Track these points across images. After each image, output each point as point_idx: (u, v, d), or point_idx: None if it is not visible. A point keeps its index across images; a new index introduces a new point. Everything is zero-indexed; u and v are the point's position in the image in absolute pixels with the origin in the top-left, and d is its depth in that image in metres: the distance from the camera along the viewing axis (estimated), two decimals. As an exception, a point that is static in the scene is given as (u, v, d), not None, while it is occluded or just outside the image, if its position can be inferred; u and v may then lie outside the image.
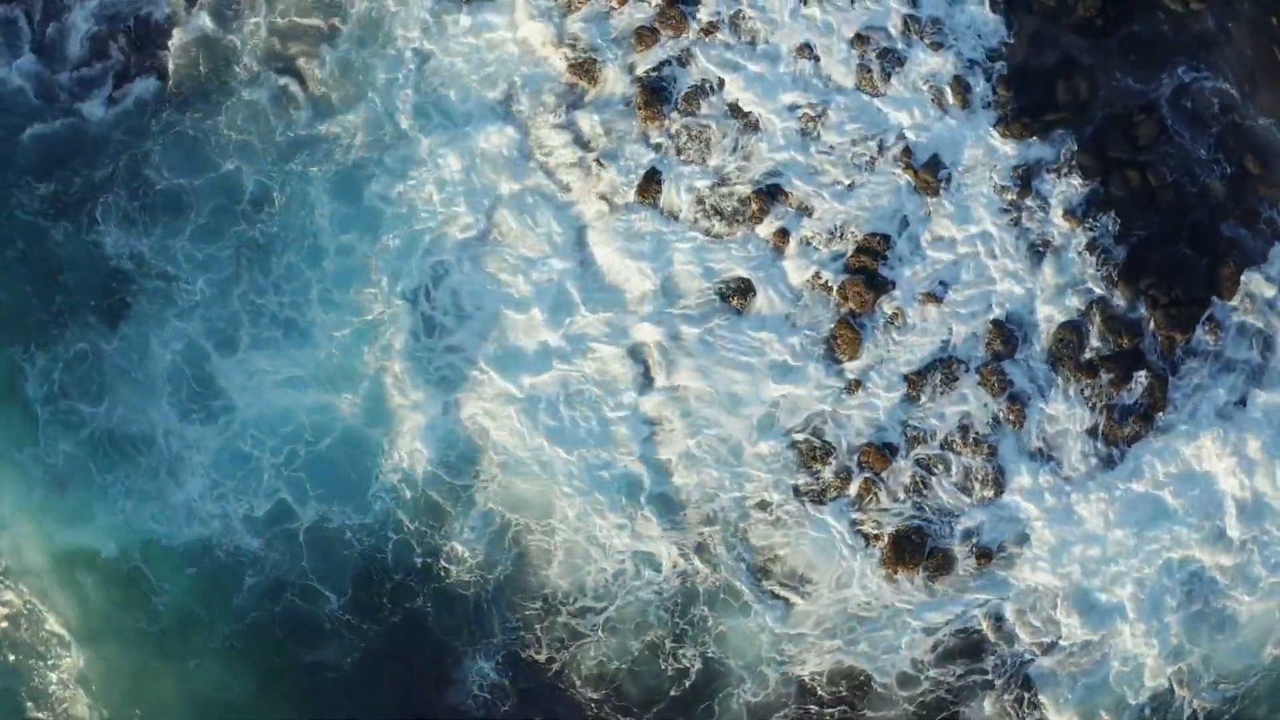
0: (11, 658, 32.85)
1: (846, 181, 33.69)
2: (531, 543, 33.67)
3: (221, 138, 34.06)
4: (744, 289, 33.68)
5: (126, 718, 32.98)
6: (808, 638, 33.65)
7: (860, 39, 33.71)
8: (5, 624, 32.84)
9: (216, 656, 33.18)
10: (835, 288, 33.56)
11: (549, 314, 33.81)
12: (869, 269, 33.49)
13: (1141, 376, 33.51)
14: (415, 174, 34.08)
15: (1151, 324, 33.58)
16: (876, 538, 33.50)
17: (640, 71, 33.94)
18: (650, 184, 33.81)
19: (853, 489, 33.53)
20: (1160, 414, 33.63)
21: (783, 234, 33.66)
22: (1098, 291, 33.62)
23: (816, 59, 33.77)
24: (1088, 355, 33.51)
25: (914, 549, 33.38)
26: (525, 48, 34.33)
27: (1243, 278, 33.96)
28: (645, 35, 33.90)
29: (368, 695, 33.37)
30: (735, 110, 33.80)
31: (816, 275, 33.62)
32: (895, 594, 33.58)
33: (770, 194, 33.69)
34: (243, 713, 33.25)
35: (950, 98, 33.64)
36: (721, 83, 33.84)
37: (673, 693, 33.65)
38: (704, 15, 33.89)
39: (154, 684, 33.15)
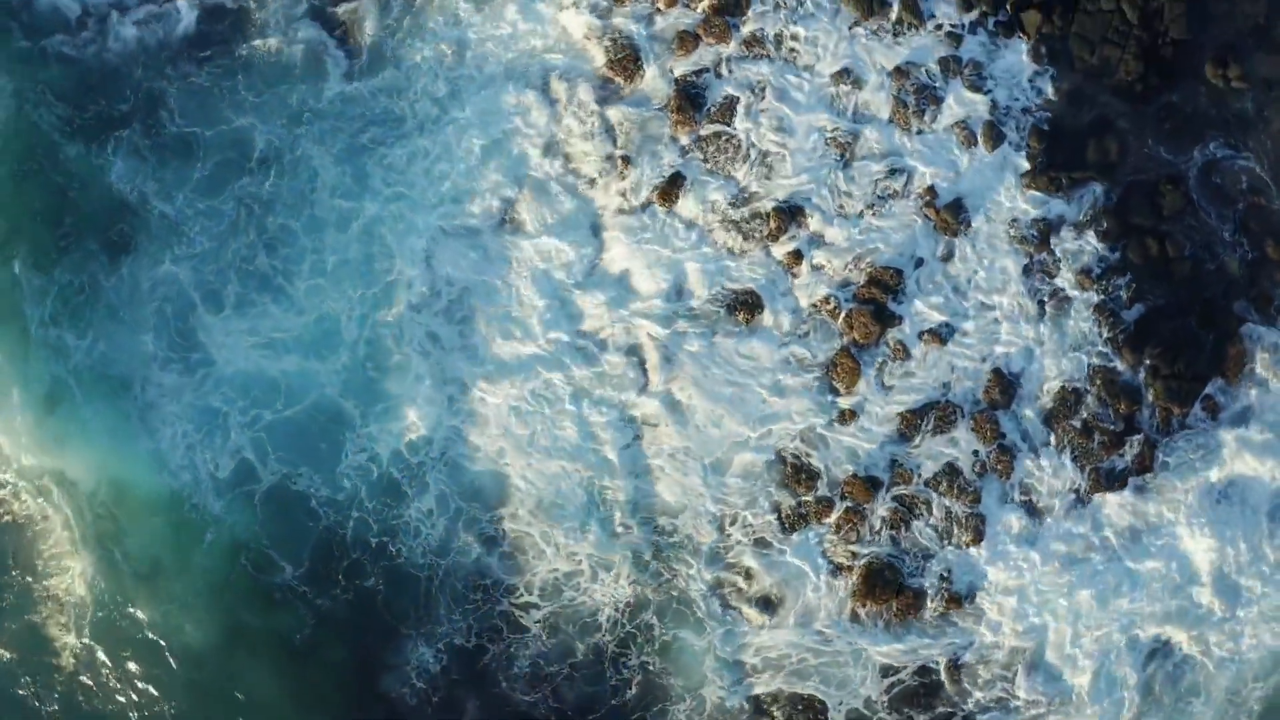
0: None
1: (867, 212, 33.65)
2: (485, 533, 33.71)
3: (240, 95, 34.10)
4: (751, 304, 33.66)
5: (105, 640, 33.33)
6: (763, 661, 33.67)
7: (900, 72, 33.65)
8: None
9: (181, 608, 33.39)
10: (842, 316, 33.53)
11: (551, 304, 33.83)
12: (878, 301, 33.46)
13: (1134, 440, 33.45)
14: (434, 153, 34.13)
15: (1151, 394, 33.50)
16: (849, 569, 33.49)
17: (677, 75, 33.92)
18: (672, 188, 33.80)
19: (832, 517, 33.53)
20: (1146, 481, 33.56)
21: (796, 256, 33.64)
22: (1101, 354, 33.57)
23: (854, 86, 33.70)
24: (1083, 415, 33.46)
25: (885, 584, 33.38)
26: (566, 37, 34.32)
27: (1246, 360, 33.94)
28: (687, 40, 33.86)
29: (313, 669, 33.41)
30: (765, 125, 33.76)
31: (825, 301, 33.60)
32: (858, 628, 33.57)
33: (789, 214, 33.66)
34: (206, 667, 33.45)
35: (981, 142, 33.57)
36: (756, 96, 33.80)
37: (613, 702, 33.67)
38: (747, 28, 33.84)
39: (129, 620, 33.38)
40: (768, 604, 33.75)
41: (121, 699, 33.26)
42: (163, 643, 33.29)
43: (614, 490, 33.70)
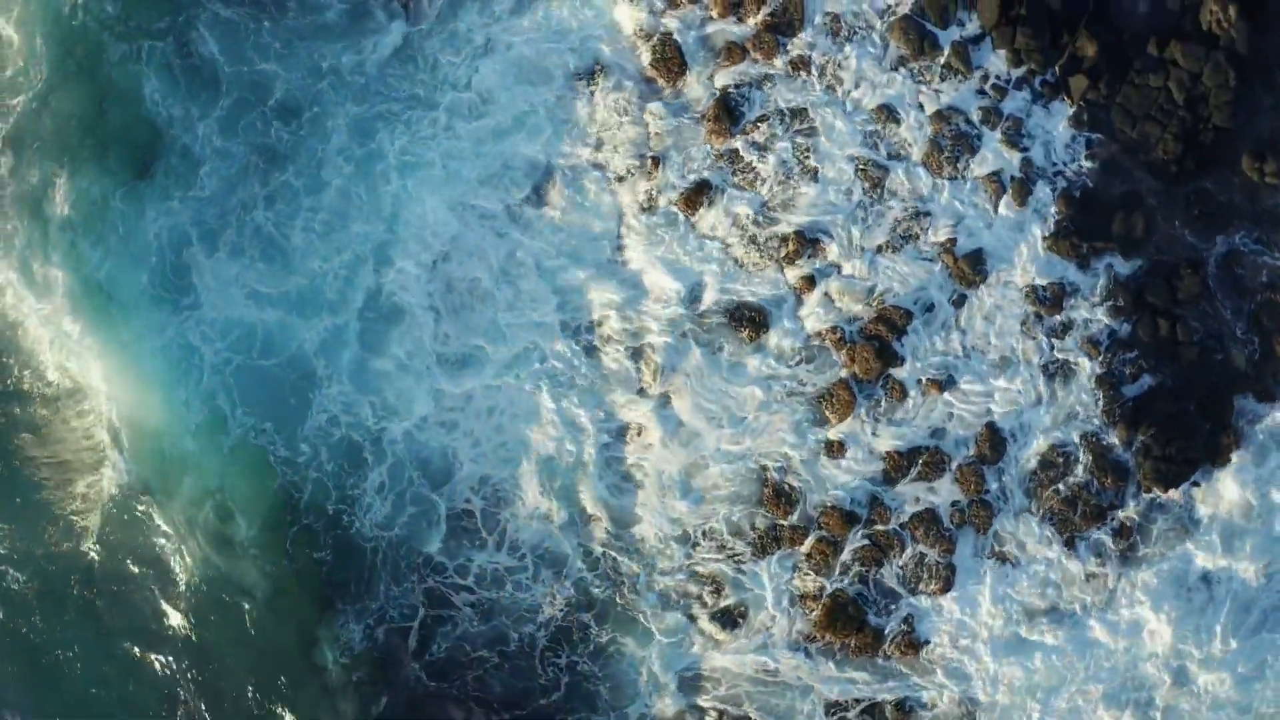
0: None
1: (886, 249, 33.64)
2: (436, 510, 33.81)
3: (265, 40, 34.13)
4: (757, 322, 33.69)
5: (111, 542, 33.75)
6: (707, 678, 33.75)
7: (940, 116, 33.59)
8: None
9: (166, 538, 33.77)
10: (846, 348, 33.54)
11: (555, 291, 33.92)
12: (883, 339, 33.46)
13: (1115, 516, 33.44)
14: (457, 128, 34.18)
15: (1139, 473, 33.47)
16: (814, 598, 33.52)
17: (719, 84, 33.91)
18: (698, 196, 33.82)
19: (805, 545, 33.58)
20: (1120, 557, 33.54)
21: (809, 281, 33.65)
22: (1096, 426, 33.54)
23: (892, 123, 33.67)
24: (1069, 483, 33.44)
25: (848, 619, 33.43)
26: (615, 30, 34.32)
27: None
28: (734, 51, 33.84)
29: (261, 628, 33.64)
30: (798, 149, 33.75)
31: (832, 331, 33.61)
32: (811, 661, 33.61)
33: (809, 239, 33.66)
34: (182, 603, 33.80)
35: (1010, 197, 33.50)
36: (794, 118, 33.80)
37: (541, 701, 33.74)
38: (796, 50, 33.78)
39: (131, 529, 33.88)
40: (729, 620, 33.82)
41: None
42: (158, 563, 33.76)
43: (584, 487, 33.78)
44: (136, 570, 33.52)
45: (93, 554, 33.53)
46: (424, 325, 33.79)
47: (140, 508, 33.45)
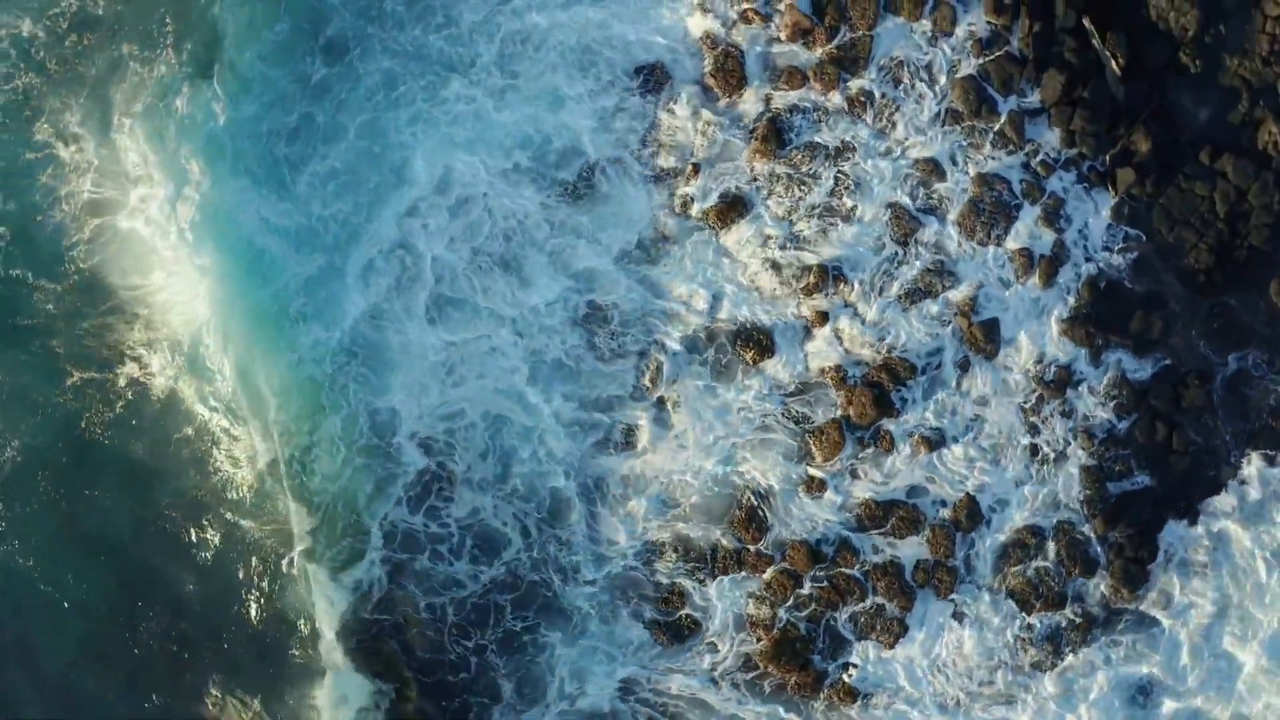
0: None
1: (905, 300, 33.66)
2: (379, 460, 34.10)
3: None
4: (763, 346, 33.75)
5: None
6: (647, 688, 33.93)
7: (983, 180, 33.49)
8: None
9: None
10: (845, 390, 33.58)
11: (567, 275, 34.10)
12: (884, 388, 33.50)
13: (1075, 608, 33.46)
14: (508, 97, 34.29)
15: (1108, 570, 33.47)
16: (765, 628, 33.60)
17: (774, 106, 33.95)
18: (730, 210, 33.88)
19: (767, 574, 33.68)
20: (1071, 652, 33.56)
21: (822, 317, 33.70)
22: (1075, 515, 33.54)
23: (935, 177, 33.65)
24: (1037, 566, 33.45)
25: (794, 655, 33.55)
26: (685, 34, 34.34)
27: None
28: (795, 76, 33.85)
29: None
30: (838, 184, 33.78)
31: (835, 370, 33.65)
32: (738, 692, 33.72)
33: (830, 275, 33.70)
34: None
35: (1036, 275, 33.47)
36: (840, 154, 33.82)
37: (449, 677, 33.98)
38: (855, 87, 33.76)
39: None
40: (676, 633, 33.94)
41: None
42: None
43: (552, 475, 34.03)
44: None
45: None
46: (425, 282, 33.94)
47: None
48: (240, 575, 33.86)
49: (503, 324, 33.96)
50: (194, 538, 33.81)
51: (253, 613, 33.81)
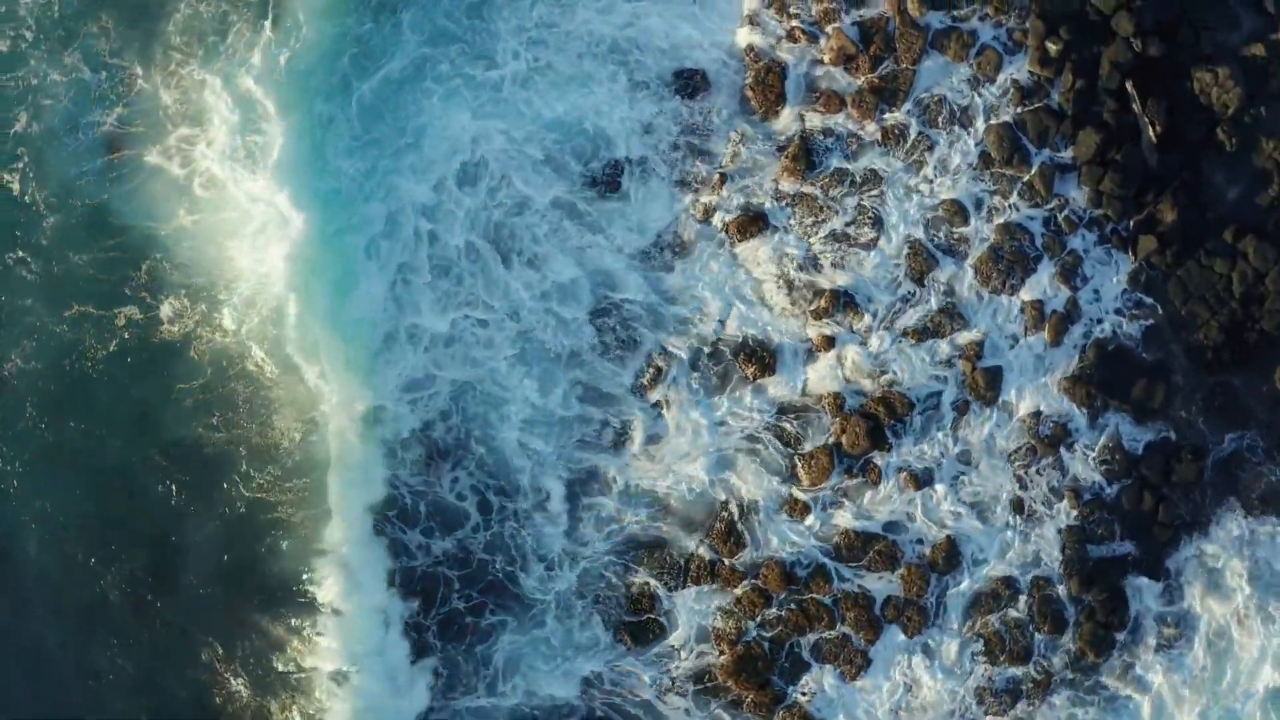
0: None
1: (912, 335, 33.68)
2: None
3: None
4: (765, 364, 33.75)
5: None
6: (604, 684, 34.01)
7: (1006, 229, 33.50)
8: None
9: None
10: (841, 417, 33.59)
11: (583, 271, 34.11)
12: (880, 421, 33.52)
13: (1038, 663, 33.50)
14: (544, 86, 34.33)
15: (1077, 632, 33.51)
16: (730, 643, 33.62)
17: (808, 126, 33.94)
18: (752, 225, 33.89)
19: (739, 589, 33.69)
20: (1029, 710, 33.64)
21: (828, 342, 33.71)
22: (1052, 572, 33.58)
23: (958, 219, 33.65)
24: (1006, 618, 33.50)
25: (755, 674, 33.54)
26: (729, 45, 34.32)
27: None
28: (833, 100, 33.84)
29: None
30: (862, 213, 33.78)
31: (834, 397, 33.66)
32: (689, 699, 33.79)
33: (842, 302, 33.70)
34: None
35: (1045, 330, 33.47)
36: (868, 183, 33.82)
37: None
38: (892, 119, 33.76)
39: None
40: (640, 634, 33.96)
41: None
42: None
43: (542, 460, 34.06)
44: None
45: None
46: (453, 250, 33.96)
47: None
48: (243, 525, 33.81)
49: (506, 305, 33.97)
50: (171, 490, 33.70)
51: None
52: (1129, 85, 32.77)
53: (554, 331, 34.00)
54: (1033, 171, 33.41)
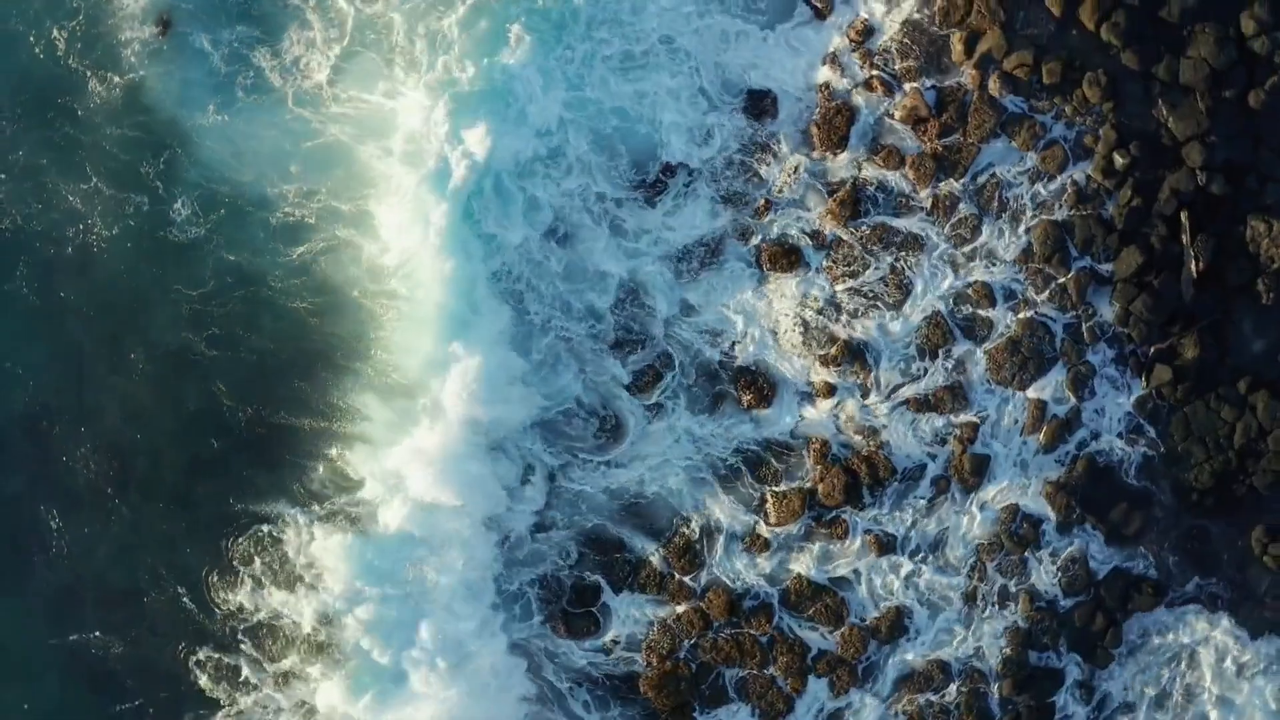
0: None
1: (912, 404, 33.69)
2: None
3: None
4: (763, 394, 33.79)
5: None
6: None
7: (1029, 325, 33.43)
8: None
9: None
10: (823, 465, 33.62)
11: (621, 264, 34.17)
12: (859, 478, 33.56)
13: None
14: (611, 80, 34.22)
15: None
16: (661, 657, 33.84)
17: (863, 175, 33.93)
18: (785, 258, 33.89)
19: (681, 607, 33.91)
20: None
21: (830, 390, 33.73)
22: (988, 669, 33.67)
23: (985, 302, 33.62)
24: (932, 703, 33.58)
25: (676, 693, 33.93)
26: (807, 79, 34.27)
27: None
28: (893, 156, 33.80)
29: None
30: (894, 273, 33.80)
31: (821, 444, 33.70)
32: (594, 702, 34.06)
33: (853, 354, 33.73)
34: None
35: (1042, 433, 33.44)
36: (906, 246, 33.82)
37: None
38: (945, 190, 33.72)
39: None
40: (577, 627, 34.04)
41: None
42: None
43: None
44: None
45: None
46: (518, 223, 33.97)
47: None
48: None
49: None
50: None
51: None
52: (1184, 215, 32.74)
53: (573, 315, 34.08)
54: (1070, 275, 33.37)
